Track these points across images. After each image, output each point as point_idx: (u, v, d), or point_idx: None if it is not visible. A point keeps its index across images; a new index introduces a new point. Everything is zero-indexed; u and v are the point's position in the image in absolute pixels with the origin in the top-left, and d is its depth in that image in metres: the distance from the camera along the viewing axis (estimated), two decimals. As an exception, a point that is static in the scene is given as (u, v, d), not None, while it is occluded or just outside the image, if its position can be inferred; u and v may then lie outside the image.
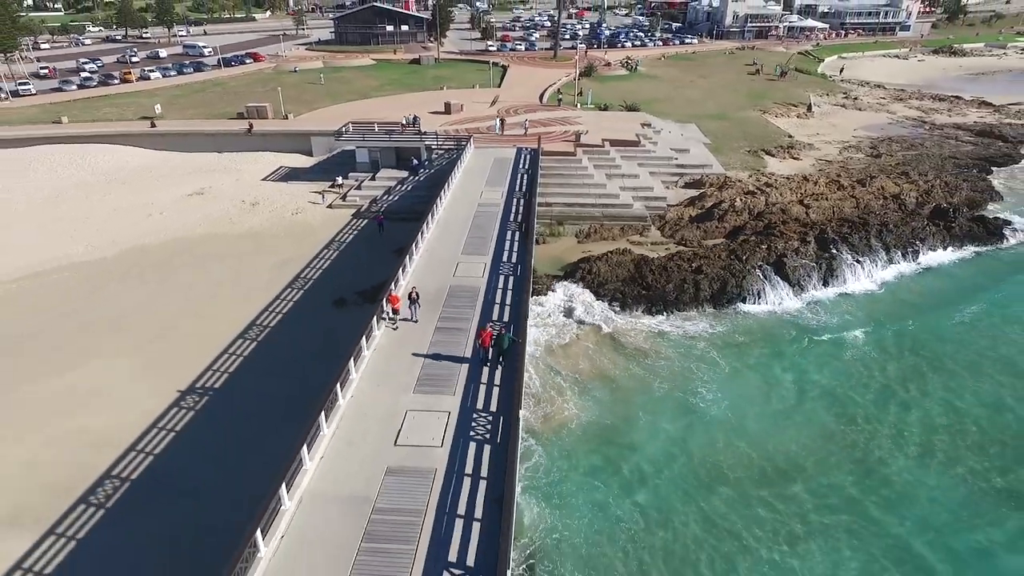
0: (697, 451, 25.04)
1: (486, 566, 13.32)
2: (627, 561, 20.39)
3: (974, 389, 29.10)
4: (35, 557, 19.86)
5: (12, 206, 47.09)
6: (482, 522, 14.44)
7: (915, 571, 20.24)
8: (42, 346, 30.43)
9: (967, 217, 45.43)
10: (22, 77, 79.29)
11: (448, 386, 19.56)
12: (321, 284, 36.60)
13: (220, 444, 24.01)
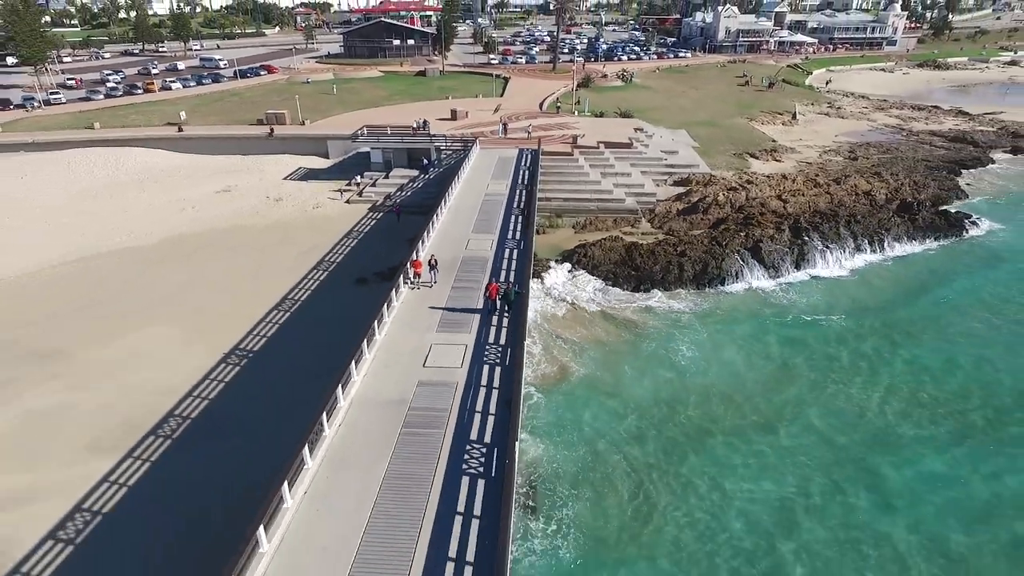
0: (676, 395, 28.97)
1: (500, 443, 17.24)
2: (612, 479, 24.22)
3: (924, 345, 33.16)
4: (115, 476, 23.71)
5: (56, 201, 51.32)
6: (495, 416, 18.41)
7: (863, 474, 24.12)
8: (102, 316, 34.46)
9: (931, 211, 49.64)
10: (50, 88, 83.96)
11: (464, 327, 23.60)
12: (343, 267, 40.68)
13: (263, 390, 27.94)
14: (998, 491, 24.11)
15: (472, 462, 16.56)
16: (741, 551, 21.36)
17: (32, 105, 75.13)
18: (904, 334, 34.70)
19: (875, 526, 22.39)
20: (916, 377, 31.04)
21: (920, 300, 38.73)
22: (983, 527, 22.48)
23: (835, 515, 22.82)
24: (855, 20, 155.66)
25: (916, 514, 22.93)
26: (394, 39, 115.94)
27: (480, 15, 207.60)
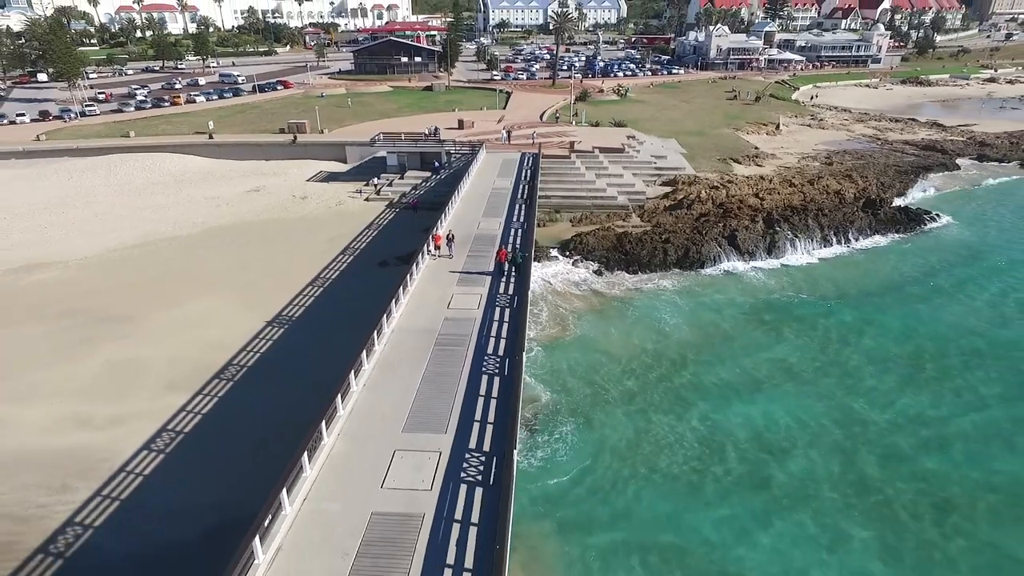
0: (657, 349, 34.12)
1: (510, 354, 22.37)
2: (604, 411, 29.26)
3: (878, 312, 38.34)
4: (189, 407, 28.70)
5: (103, 198, 56.81)
6: (505, 340, 23.55)
7: (803, 385, 29.19)
8: (161, 290, 39.67)
9: (893, 207, 55.09)
10: (84, 101, 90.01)
11: (479, 283, 28.84)
12: (366, 252, 45.97)
13: (305, 345, 33.07)
14: (924, 417, 29.18)
15: (488, 367, 21.70)
16: (706, 450, 26.38)
17: (70, 116, 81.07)
18: (857, 302, 40.01)
19: (799, 415, 27.45)
20: (863, 331, 36.34)
21: (876, 278, 43.99)
22: (903, 438, 27.54)
23: (780, 415, 27.88)
24: (841, 39, 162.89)
25: (826, 395, 28.21)
26: (402, 56, 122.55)
27: (483, 35, 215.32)
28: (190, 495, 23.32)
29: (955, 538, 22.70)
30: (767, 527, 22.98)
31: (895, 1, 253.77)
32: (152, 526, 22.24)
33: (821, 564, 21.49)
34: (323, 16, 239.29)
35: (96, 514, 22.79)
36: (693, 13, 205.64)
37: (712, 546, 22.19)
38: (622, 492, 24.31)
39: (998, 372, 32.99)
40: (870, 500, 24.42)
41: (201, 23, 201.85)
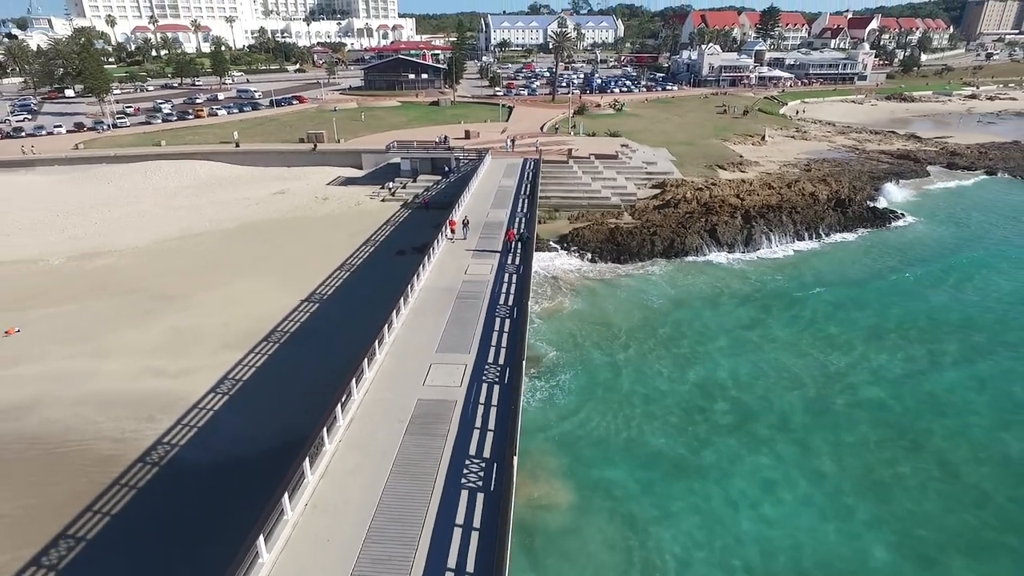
0: (644, 321, 39.34)
1: (518, 304, 27.67)
2: (596, 364, 34.43)
3: (843, 293, 43.59)
4: (243, 361, 33.81)
5: (143, 199, 62.41)
6: (512, 297, 28.87)
7: (775, 347, 34.36)
8: (207, 274, 45.03)
9: (861, 207, 60.65)
10: (113, 114, 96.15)
11: (491, 257, 34.23)
12: (385, 244, 51.39)
13: (336, 315, 38.30)
14: (880, 377, 34.40)
15: (500, 312, 27.02)
16: (682, 388, 31.55)
17: (103, 128, 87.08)
18: (823, 281, 45.31)
19: (760, 364, 32.63)
20: (825, 304, 41.58)
21: (841, 266, 49.35)
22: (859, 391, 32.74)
23: (743, 364, 33.04)
24: (828, 57, 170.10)
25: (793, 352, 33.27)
26: (410, 73, 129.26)
27: (485, 54, 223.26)
28: (252, 424, 28.41)
29: (892, 445, 27.77)
30: (721, 439, 28.09)
31: (883, 22, 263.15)
32: (223, 446, 27.32)
33: (789, 469, 26.55)
34: (330, 36, 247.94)
35: (177, 436, 27.91)
36: (687, 33, 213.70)
37: (681, 454, 27.27)
38: (610, 420, 29.43)
39: (936, 335, 38.21)
40: (831, 423, 29.58)
41: (214, 43, 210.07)
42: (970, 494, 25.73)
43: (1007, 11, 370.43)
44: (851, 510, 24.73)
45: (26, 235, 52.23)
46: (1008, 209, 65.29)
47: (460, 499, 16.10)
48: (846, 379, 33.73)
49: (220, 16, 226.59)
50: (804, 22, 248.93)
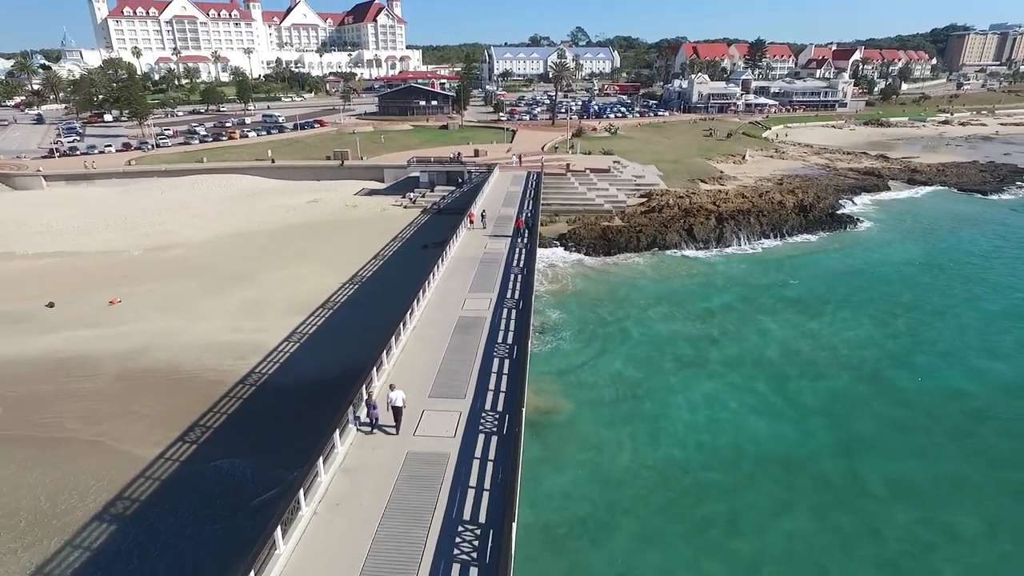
0: (630, 297, 47.92)
1: (527, 265, 36.33)
2: (591, 323, 42.89)
3: (801, 281, 52.18)
4: (304, 322, 42.23)
5: (195, 206, 71.47)
6: (521, 265, 37.58)
7: (741, 320, 42.81)
8: (263, 261, 53.72)
9: (823, 212, 69.64)
10: (155, 135, 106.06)
11: (504, 240, 43.07)
12: (410, 240, 60.21)
13: (376, 289, 46.89)
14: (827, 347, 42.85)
15: (513, 272, 35.72)
16: (663, 340, 39.97)
17: (147, 147, 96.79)
18: (782, 269, 53.94)
19: (725, 326, 41.04)
20: (782, 286, 50.17)
21: (800, 258, 58.08)
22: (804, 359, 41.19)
23: (712, 325, 41.50)
24: (810, 86, 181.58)
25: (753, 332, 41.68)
26: (421, 100, 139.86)
27: (489, 83, 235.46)
28: (320, 360, 36.70)
29: (837, 374, 36.11)
30: (678, 370, 36.44)
31: (866, 53, 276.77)
32: (300, 374, 35.60)
33: (729, 383, 34.80)
34: (341, 66, 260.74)
35: (265, 368, 36.26)
36: (679, 63, 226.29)
37: (645, 377, 35.61)
38: (596, 360, 37.86)
39: (874, 309, 46.70)
40: (765, 354, 37.91)
41: (233, 72, 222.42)
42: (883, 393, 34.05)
43: (987, 44, 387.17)
44: (774, 404, 33.07)
45: (106, 233, 61.15)
46: (944, 213, 74.76)
47: (494, 365, 24.65)
48: (778, 325, 42.20)
49: (238, 48, 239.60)
50: (790, 53, 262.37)
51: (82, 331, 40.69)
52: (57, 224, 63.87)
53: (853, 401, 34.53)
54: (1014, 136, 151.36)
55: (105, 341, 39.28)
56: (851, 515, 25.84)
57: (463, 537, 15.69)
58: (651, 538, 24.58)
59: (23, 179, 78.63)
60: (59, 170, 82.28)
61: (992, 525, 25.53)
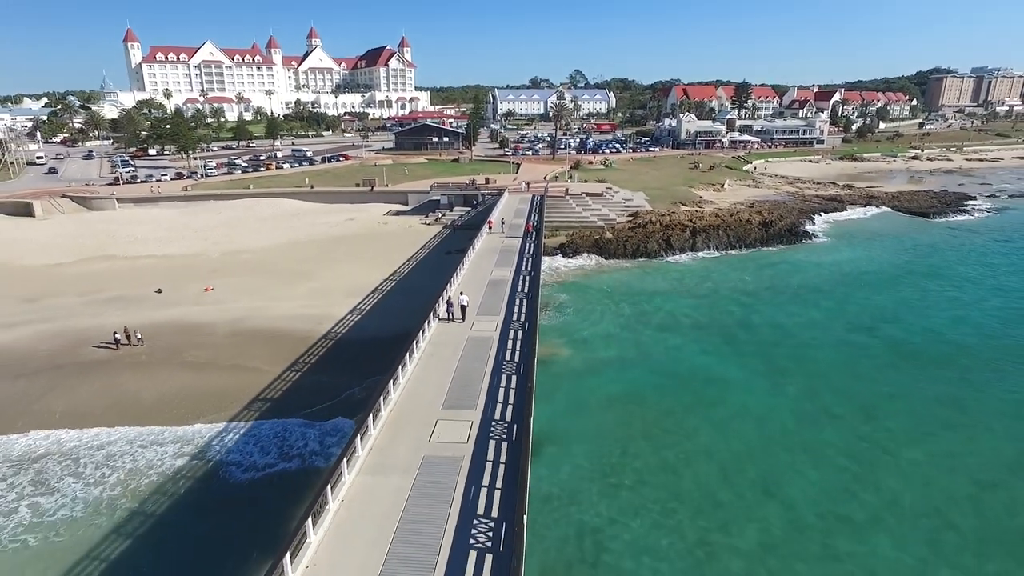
0: (617, 287, 60.06)
1: (535, 254, 48.61)
2: (590, 305, 54.86)
3: (762, 282, 64.34)
4: (359, 302, 54.26)
5: (250, 223, 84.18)
6: (531, 253, 49.87)
7: (714, 311, 54.81)
8: (318, 263, 65.99)
9: (783, 228, 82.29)
10: (203, 166, 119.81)
11: (517, 239, 55.50)
12: (436, 248, 72.60)
13: (412, 281, 58.99)
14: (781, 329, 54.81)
15: (524, 258, 48.01)
16: (634, 313, 51.89)
17: (197, 176, 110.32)
18: (744, 270, 66.14)
19: (701, 307, 52.97)
20: (741, 281, 62.25)
21: (759, 263, 70.35)
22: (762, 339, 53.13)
23: (689, 307, 53.43)
24: (790, 124, 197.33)
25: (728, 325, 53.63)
26: (433, 137, 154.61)
27: (493, 122, 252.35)
28: (378, 325, 48.47)
29: (762, 333, 47.86)
30: (650, 331, 48.24)
31: (846, 95, 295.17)
32: (364, 334, 47.38)
33: (691, 343, 46.49)
34: (355, 106, 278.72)
35: (337, 329, 48.11)
36: (670, 104, 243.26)
37: (627, 335, 47.38)
38: (592, 324, 49.77)
39: (806, 292, 58.70)
40: (722, 325, 49.69)
41: (255, 112, 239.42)
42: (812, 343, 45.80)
43: (964, 86, 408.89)
44: (721, 355, 44.81)
45: (184, 242, 73.70)
46: (885, 230, 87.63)
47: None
48: (731, 304, 54.12)
49: (260, 90, 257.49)
50: (775, 95, 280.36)
51: (191, 307, 52.74)
52: (141, 235, 76.53)
53: (776, 347, 46.27)
54: (974, 170, 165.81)
55: (212, 314, 51.29)
56: (757, 401, 37.45)
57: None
58: (623, 413, 36.09)
59: (100, 201, 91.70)
60: (127, 194, 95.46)
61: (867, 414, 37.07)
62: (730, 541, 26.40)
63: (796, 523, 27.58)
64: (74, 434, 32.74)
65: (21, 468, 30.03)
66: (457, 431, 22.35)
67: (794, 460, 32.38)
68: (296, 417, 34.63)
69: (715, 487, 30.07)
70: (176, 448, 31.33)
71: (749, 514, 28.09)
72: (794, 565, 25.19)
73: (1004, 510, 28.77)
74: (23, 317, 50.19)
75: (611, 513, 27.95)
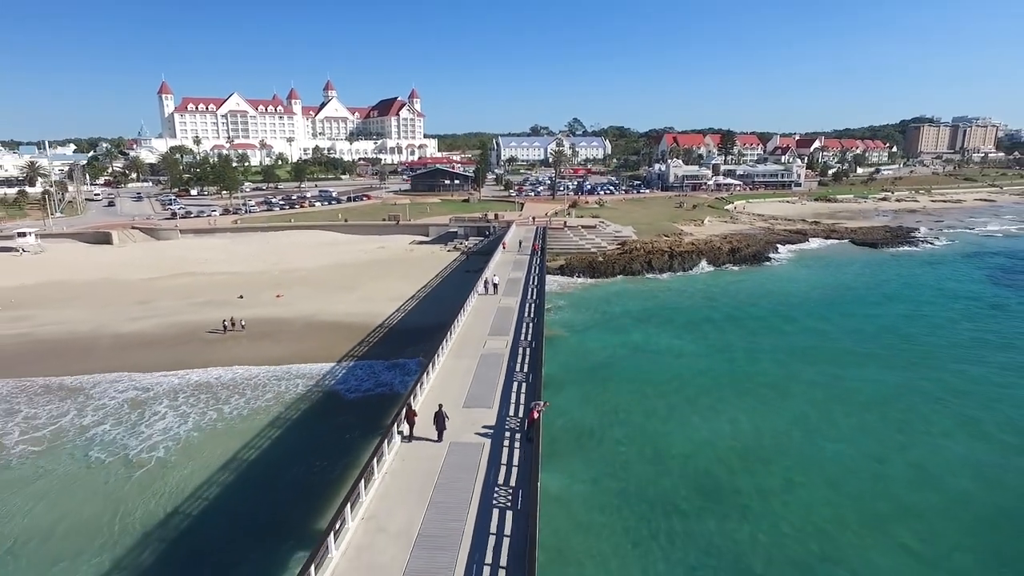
0: (608, 298, 74.57)
1: (540, 265, 63.32)
2: (586, 310, 69.24)
3: (724, 290, 78.91)
4: (400, 306, 68.68)
5: (295, 249, 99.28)
6: (538, 263, 64.62)
7: (696, 317, 69.21)
8: (360, 279, 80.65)
9: (747, 254, 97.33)
10: (245, 204, 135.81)
11: (526, 256, 70.40)
12: (457, 268, 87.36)
13: (440, 292, 73.51)
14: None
15: (534, 265, 62.67)
16: (621, 314, 66.24)
17: (242, 212, 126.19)
18: (712, 284, 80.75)
19: (683, 311, 67.31)
20: (711, 291, 76.78)
21: (726, 279, 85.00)
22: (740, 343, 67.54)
23: (672, 310, 67.77)
24: (770, 169, 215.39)
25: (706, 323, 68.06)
26: (445, 180, 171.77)
27: (497, 167, 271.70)
28: (418, 318, 62.78)
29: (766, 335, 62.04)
30: (635, 326, 62.45)
31: (826, 142, 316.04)
32: (407, 325, 61.69)
33: (662, 337, 60.65)
34: (368, 152, 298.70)
35: (387, 321, 62.40)
36: (661, 150, 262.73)
37: (616, 327, 61.52)
38: (587, 321, 64.05)
39: (763, 300, 73.03)
40: (693, 320, 63.89)
41: (277, 158, 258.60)
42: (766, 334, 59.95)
43: (941, 134, 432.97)
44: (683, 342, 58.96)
45: (245, 263, 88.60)
46: (838, 257, 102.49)
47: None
48: (695, 304, 68.48)
49: (281, 137, 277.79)
50: (759, 142, 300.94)
51: (269, 308, 67.13)
52: (208, 258, 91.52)
53: (732, 335, 60.35)
54: (936, 210, 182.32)
55: (288, 312, 65.65)
56: (722, 363, 51.43)
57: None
58: (603, 366, 49.97)
59: (165, 232, 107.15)
60: (186, 226, 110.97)
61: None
62: (665, 428, 40.00)
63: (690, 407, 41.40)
64: (224, 371, 47.08)
65: (200, 391, 44.16)
66: (498, 345, 37.25)
67: (709, 383, 46.27)
68: (377, 360, 48.97)
69: (655, 401, 43.80)
70: (302, 380, 45.49)
71: (672, 414, 41.80)
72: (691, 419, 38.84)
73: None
74: (143, 314, 64.60)
75: (593, 408, 41.76)
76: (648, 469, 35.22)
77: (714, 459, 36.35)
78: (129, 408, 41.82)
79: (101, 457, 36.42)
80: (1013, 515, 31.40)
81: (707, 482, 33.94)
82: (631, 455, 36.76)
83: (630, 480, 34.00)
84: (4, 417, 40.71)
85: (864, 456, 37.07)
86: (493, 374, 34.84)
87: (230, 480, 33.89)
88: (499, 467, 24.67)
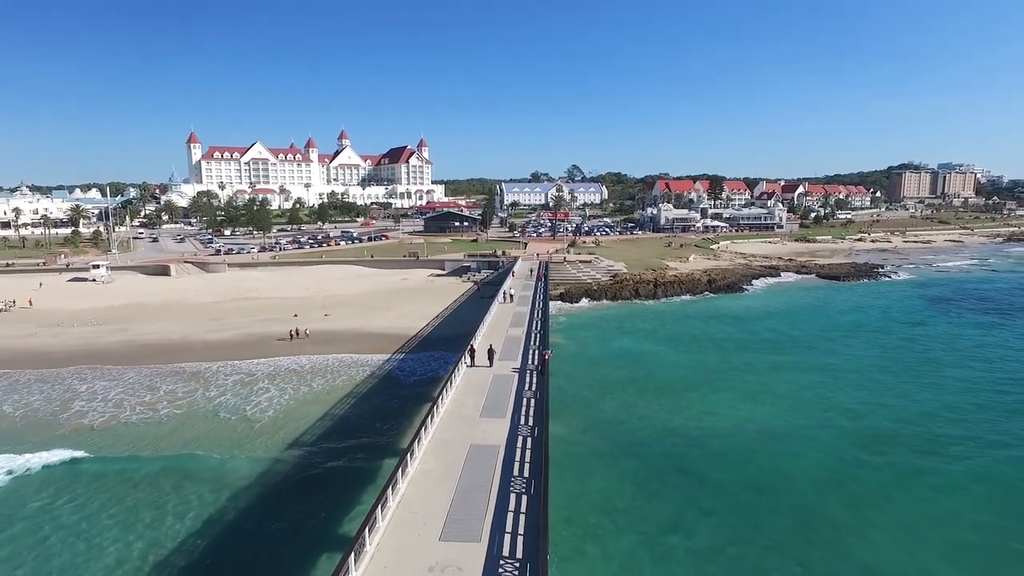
0: (603, 318, 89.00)
1: (544, 288, 78.10)
2: (585, 327, 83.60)
3: (701, 313, 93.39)
4: (428, 324, 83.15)
5: (332, 280, 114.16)
6: (543, 287, 79.46)
7: (678, 331, 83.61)
8: (391, 303, 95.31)
9: (724, 285, 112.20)
10: (278, 242, 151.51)
11: (531, 282, 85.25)
12: (473, 295, 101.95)
13: (461, 313, 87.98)
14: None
15: (538, 290, 77.55)
16: (613, 327, 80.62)
17: (278, 248, 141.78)
18: (692, 308, 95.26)
19: (667, 326, 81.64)
20: (691, 315, 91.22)
21: (704, 305, 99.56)
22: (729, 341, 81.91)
23: (656, 326, 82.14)
24: (754, 212, 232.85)
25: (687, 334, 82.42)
26: (455, 222, 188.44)
27: (500, 211, 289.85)
28: (445, 330, 76.99)
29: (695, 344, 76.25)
30: (630, 339, 76.66)
31: (810, 187, 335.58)
32: (438, 334, 75.86)
33: (648, 339, 74.78)
34: (379, 197, 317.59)
35: (421, 332, 76.67)
36: (654, 195, 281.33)
37: (613, 331, 75.72)
38: (585, 333, 78.35)
39: (732, 322, 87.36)
40: (673, 333, 78.10)
41: (295, 202, 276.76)
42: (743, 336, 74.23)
43: (922, 180, 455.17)
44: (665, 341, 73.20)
45: (292, 290, 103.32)
46: (803, 289, 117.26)
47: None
48: (674, 323, 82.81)
49: (299, 183, 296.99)
50: (746, 187, 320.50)
51: (321, 323, 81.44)
52: (258, 286, 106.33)
53: (704, 345, 74.52)
54: (906, 250, 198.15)
55: (338, 326, 79.94)
56: (698, 360, 65.46)
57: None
58: (597, 366, 63.93)
59: (215, 265, 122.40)
60: (231, 260, 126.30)
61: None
62: (642, 400, 53.73)
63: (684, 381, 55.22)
64: (306, 359, 61.56)
65: (291, 374, 58.30)
66: (518, 332, 51.87)
67: (680, 372, 60.18)
68: (422, 353, 63.36)
69: (644, 382, 57.70)
70: (367, 367, 59.66)
71: (647, 388, 55.57)
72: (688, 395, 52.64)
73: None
74: (219, 328, 78.95)
75: (589, 387, 55.64)
76: (627, 424, 49.12)
77: (677, 415, 50.34)
78: (240, 386, 55.83)
79: (228, 417, 50.21)
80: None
81: (674, 431, 47.86)
82: (614, 416, 50.73)
83: (614, 435, 47.88)
84: (150, 391, 54.71)
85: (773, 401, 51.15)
86: (516, 343, 50.06)
87: (324, 430, 47.61)
88: (524, 385, 40.17)
